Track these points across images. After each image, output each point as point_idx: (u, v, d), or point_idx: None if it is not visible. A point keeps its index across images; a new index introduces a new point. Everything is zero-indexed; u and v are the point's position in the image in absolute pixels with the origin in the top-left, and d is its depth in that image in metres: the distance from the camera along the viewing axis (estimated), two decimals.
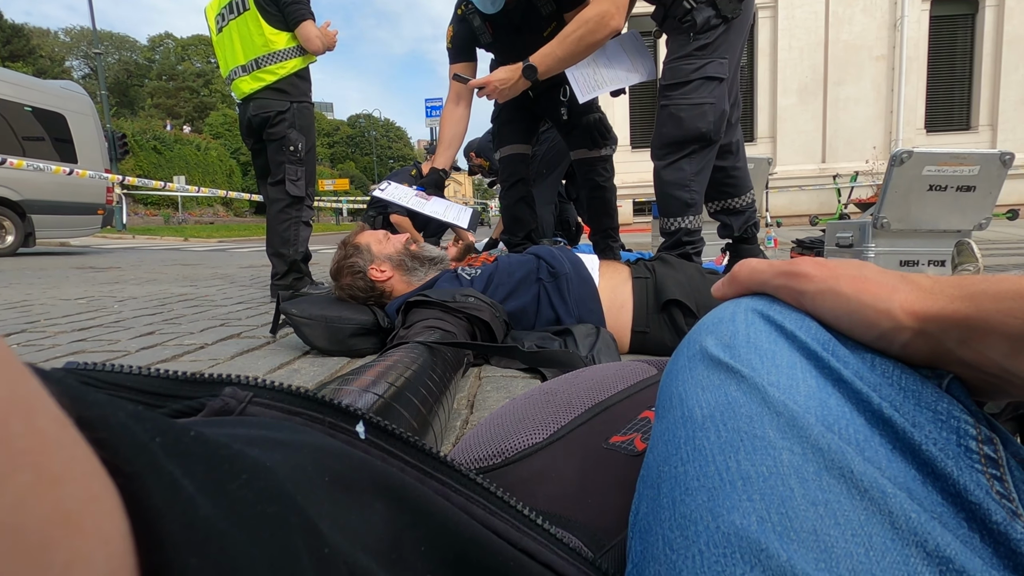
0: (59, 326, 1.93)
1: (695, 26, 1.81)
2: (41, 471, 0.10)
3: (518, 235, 2.62)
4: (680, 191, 1.91)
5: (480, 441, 0.54)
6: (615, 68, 2.13)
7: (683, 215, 1.93)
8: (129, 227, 14.15)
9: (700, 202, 1.95)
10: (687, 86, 1.85)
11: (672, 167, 1.91)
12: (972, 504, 0.23)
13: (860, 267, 0.32)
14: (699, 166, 1.90)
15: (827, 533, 0.23)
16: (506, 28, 2.24)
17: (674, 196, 1.92)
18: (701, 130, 1.84)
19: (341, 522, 0.20)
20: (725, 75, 1.86)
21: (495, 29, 2.27)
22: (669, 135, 1.89)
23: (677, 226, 1.94)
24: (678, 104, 1.86)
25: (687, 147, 1.87)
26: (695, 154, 1.88)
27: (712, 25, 1.81)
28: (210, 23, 2.58)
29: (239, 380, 0.27)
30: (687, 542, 0.25)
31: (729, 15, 1.79)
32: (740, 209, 2.25)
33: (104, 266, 4.89)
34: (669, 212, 1.95)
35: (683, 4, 1.84)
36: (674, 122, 1.87)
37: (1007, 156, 2.59)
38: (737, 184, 2.21)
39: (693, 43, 1.83)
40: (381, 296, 1.54)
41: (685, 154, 1.88)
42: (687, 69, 1.84)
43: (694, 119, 1.84)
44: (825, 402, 0.27)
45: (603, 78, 2.10)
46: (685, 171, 1.89)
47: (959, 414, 0.26)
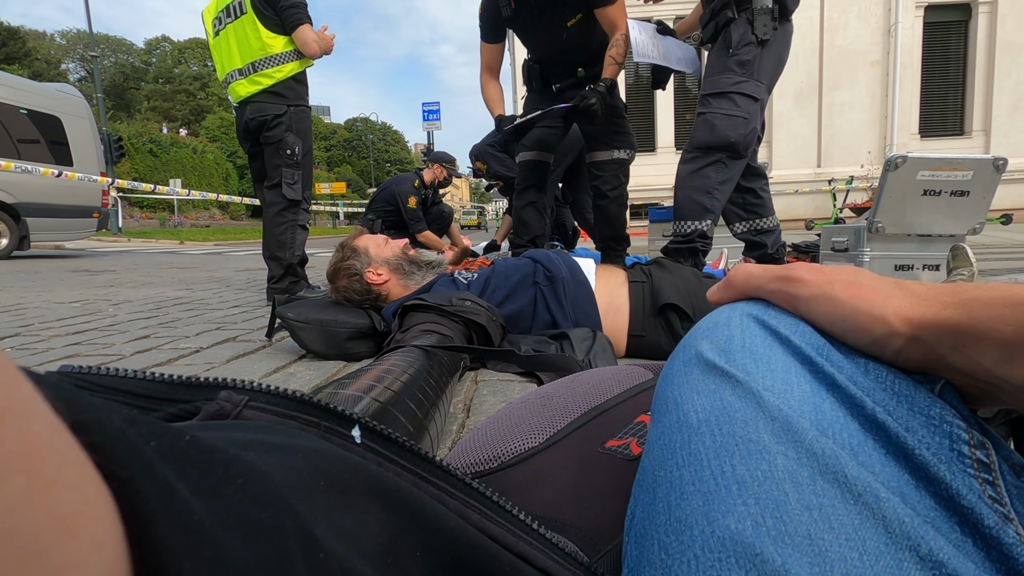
0: (53, 329, 1.92)
1: (731, 42, 1.92)
2: (35, 475, 0.10)
3: (523, 238, 2.62)
4: (703, 196, 1.99)
5: (476, 445, 0.54)
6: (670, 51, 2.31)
7: (701, 219, 2.01)
8: (124, 230, 14.10)
9: (719, 211, 2.03)
10: (725, 97, 1.95)
11: (699, 173, 1.99)
12: (965, 508, 0.23)
13: (854, 273, 0.32)
14: (725, 176, 1.98)
15: (821, 537, 0.23)
16: (530, 8, 2.27)
17: (696, 200, 2.00)
18: (731, 139, 1.93)
19: (336, 526, 0.20)
20: (760, 97, 1.97)
21: (517, 5, 2.29)
22: (701, 139, 1.98)
23: (692, 228, 2.02)
24: (714, 112, 1.95)
25: (715, 154, 1.96)
26: (722, 163, 1.97)
27: (748, 41, 1.92)
28: (207, 26, 2.58)
29: (234, 384, 0.27)
30: (682, 546, 0.25)
31: (760, 35, 1.89)
32: (770, 228, 2.35)
33: (99, 269, 4.87)
34: (688, 215, 2.02)
35: (726, 12, 1.95)
36: (708, 127, 1.96)
37: (1000, 161, 2.60)
38: (766, 204, 2.34)
39: (732, 58, 1.94)
40: (377, 299, 1.54)
41: (712, 161, 1.97)
42: (727, 82, 1.95)
43: (726, 128, 1.93)
44: (819, 407, 0.27)
45: (658, 51, 2.28)
46: (711, 178, 1.98)
47: (952, 419, 0.26)
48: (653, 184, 12.52)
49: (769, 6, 1.91)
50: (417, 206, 4.32)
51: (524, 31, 2.41)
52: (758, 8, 1.90)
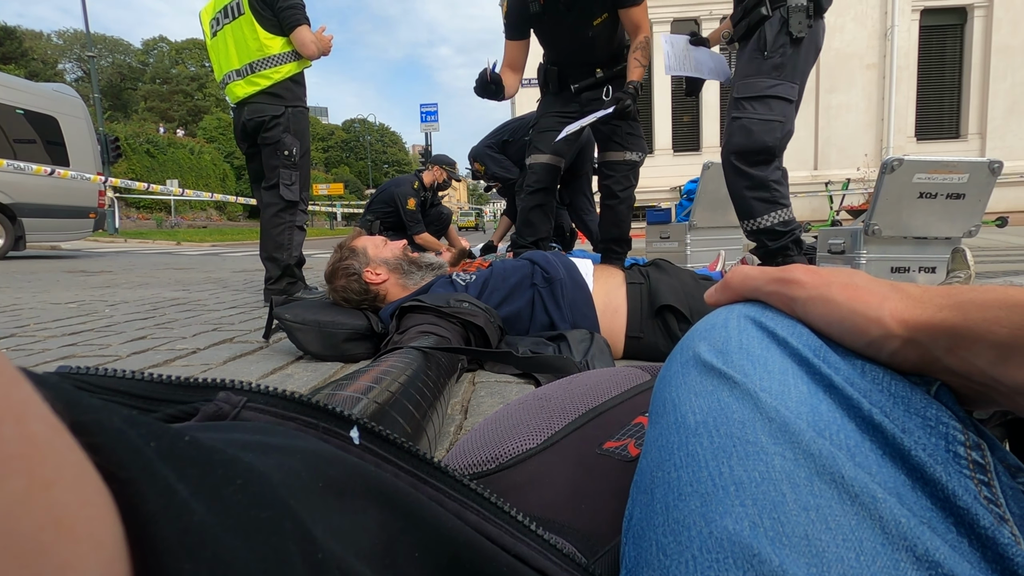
0: (49, 330, 1.92)
1: (766, 43, 1.90)
2: (33, 476, 0.10)
3: (527, 239, 2.61)
4: (761, 191, 1.98)
5: (474, 446, 0.54)
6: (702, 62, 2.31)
7: (770, 212, 1.99)
8: (121, 231, 14.05)
9: (784, 197, 2.00)
10: (760, 102, 1.94)
11: (745, 175, 1.99)
12: (960, 509, 0.24)
13: (851, 275, 0.32)
14: (771, 168, 1.98)
15: (818, 538, 0.23)
16: (558, 3, 2.27)
17: (755, 198, 1.99)
18: (768, 144, 1.93)
19: (335, 527, 0.20)
20: (795, 98, 1.96)
21: (546, 2, 2.29)
22: (738, 144, 1.98)
23: (766, 224, 2.00)
24: (750, 117, 1.94)
25: (754, 157, 1.96)
26: (762, 163, 1.96)
27: (782, 43, 1.90)
28: (204, 27, 2.58)
29: (233, 385, 0.27)
30: (680, 547, 0.25)
31: (795, 32, 1.87)
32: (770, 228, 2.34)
33: (95, 270, 4.85)
34: (756, 212, 2.01)
35: (760, 10, 1.92)
36: (744, 133, 1.96)
37: (996, 164, 2.62)
38: None
39: (767, 61, 1.92)
40: (375, 300, 1.53)
41: (755, 163, 1.97)
42: (761, 86, 1.94)
43: (762, 133, 1.92)
44: (816, 408, 0.27)
45: (690, 63, 2.29)
46: (759, 175, 1.97)
47: (948, 420, 0.26)
48: (651, 186, 12.53)
49: (804, 3, 1.88)
50: (416, 208, 4.32)
51: (548, 29, 2.43)
52: (793, 6, 1.88)
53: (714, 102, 13.08)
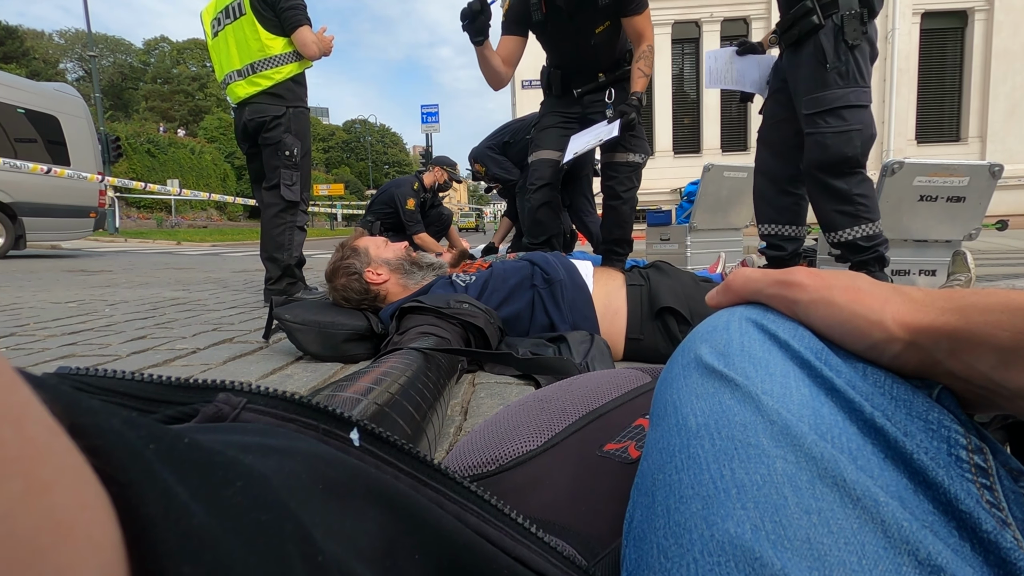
0: (49, 330, 1.92)
1: (824, 55, 1.87)
2: (31, 479, 0.10)
3: (538, 239, 2.61)
4: (844, 205, 1.94)
5: (474, 448, 0.54)
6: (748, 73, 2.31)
7: (853, 226, 1.96)
8: (121, 230, 14.06)
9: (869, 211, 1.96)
10: (832, 115, 1.90)
11: (829, 188, 1.95)
12: (963, 513, 0.24)
13: (853, 278, 0.32)
14: (856, 180, 1.93)
15: (820, 541, 0.23)
16: (561, 12, 2.28)
17: (838, 211, 1.96)
18: (847, 154, 1.89)
19: (335, 530, 0.20)
20: (868, 102, 1.91)
21: (548, 9, 2.30)
22: (816, 160, 1.94)
23: (848, 237, 1.97)
24: (823, 132, 1.91)
25: (835, 169, 1.92)
26: (844, 174, 1.92)
27: (841, 51, 1.86)
28: (206, 27, 2.58)
29: (233, 386, 0.27)
30: (682, 550, 0.25)
31: (850, 40, 1.84)
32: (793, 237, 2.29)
33: (95, 269, 4.85)
34: (838, 225, 1.98)
35: (811, 18, 1.89)
36: (820, 148, 1.92)
37: (996, 167, 2.62)
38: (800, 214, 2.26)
39: (831, 72, 1.88)
40: (375, 299, 1.53)
41: (837, 175, 1.93)
42: (830, 98, 1.89)
43: (840, 145, 1.88)
44: (818, 411, 0.27)
45: (732, 76, 2.30)
46: (842, 188, 1.93)
47: (949, 424, 0.26)
48: (651, 188, 12.54)
49: (857, 10, 1.84)
50: (415, 208, 4.32)
51: (551, 35, 2.44)
52: (847, 15, 1.84)
53: (714, 104, 13.10)
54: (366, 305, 1.53)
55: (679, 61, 13.38)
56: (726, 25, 12.86)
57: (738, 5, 12.59)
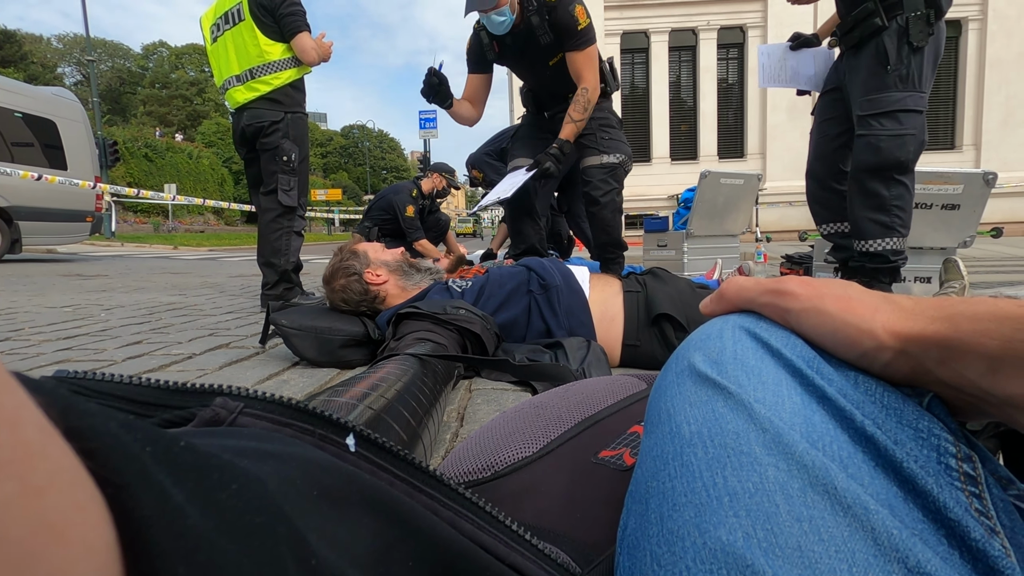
0: (44, 334, 1.91)
1: (887, 56, 1.84)
2: (25, 482, 0.10)
3: (519, 247, 2.62)
4: (879, 214, 1.93)
5: (470, 454, 0.54)
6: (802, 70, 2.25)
7: (884, 237, 1.94)
8: (118, 235, 14.03)
9: (904, 224, 1.95)
10: (888, 117, 1.88)
11: (869, 193, 1.93)
12: (952, 521, 0.24)
13: (845, 287, 0.32)
14: (898, 191, 1.92)
15: (811, 549, 0.23)
16: (511, 49, 2.35)
17: (872, 219, 1.94)
18: (899, 159, 1.87)
19: (329, 535, 0.20)
20: (924, 108, 1.89)
21: (501, 48, 2.37)
22: (866, 162, 1.92)
23: (877, 248, 1.95)
24: (877, 135, 1.89)
25: (883, 173, 1.90)
26: (891, 179, 1.90)
27: (904, 54, 1.84)
28: (205, 32, 2.59)
29: (230, 390, 0.27)
30: (674, 558, 0.25)
31: (915, 42, 1.81)
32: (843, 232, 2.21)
33: (91, 274, 4.84)
34: (868, 234, 1.96)
35: (874, 20, 1.86)
36: (872, 151, 1.90)
37: (990, 175, 2.64)
38: None
39: (892, 74, 1.86)
40: (374, 301, 1.53)
41: (881, 180, 1.91)
42: (888, 101, 1.87)
43: (893, 149, 1.86)
44: (810, 419, 0.28)
45: (787, 73, 2.26)
46: (883, 196, 1.91)
47: (939, 432, 0.26)
48: (648, 194, 12.59)
49: (923, 11, 1.80)
50: (415, 215, 4.33)
51: (511, 66, 2.53)
52: (912, 16, 1.81)
53: (711, 111, 13.18)
54: (365, 306, 1.53)
55: (676, 68, 13.47)
56: (723, 33, 12.97)
57: (735, 13, 12.70)
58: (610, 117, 2.45)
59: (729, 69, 13.40)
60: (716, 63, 13.11)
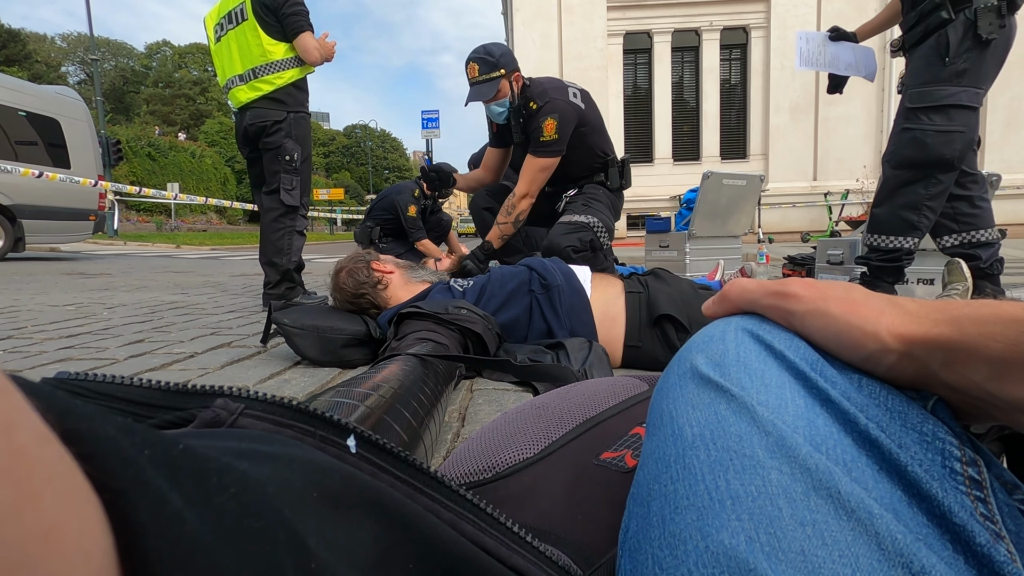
0: (46, 333, 1.91)
1: (948, 48, 1.77)
2: (20, 488, 0.10)
3: None
4: (910, 213, 1.88)
5: (471, 455, 0.53)
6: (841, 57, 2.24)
7: (906, 235, 1.90)
8: (121, 233, 14.06)
9: (927, 228, 1.90)
10: (939, 112, 1.81)
11: (907, 188, 1.87)
12: (956, 526, 0.24)
13: (848, 289, 0.32)
14: (936, 191, 1.86)
15: (815, 553, 0.23)
16: (507, 134, 2.54)
17: (902, 216, 1.89)
18: (945, 156, 1.80)
19: (329, 538, 0.20)
20: (979, 105, 1.83)
21: (499, 129, 2.56)
22: (909, 157, 1.85)
23: (896, 245, 1.90)
24: (924, 129, 1.82)
25: (925, 170, 1.84)
26: (933, 178, 1.84)
27: (967, 47, 1.77)
28: (208, 32, 2.59)
29: (231, 391, 0.27)
30: (676, 561, 0.25)
31: (985, 35, 1.74)
32: (988, 241, 2.10)
33: (94, 272, 4.85)
34: (891, 230, 1.91)
35: (940, 14, 1.79)
36: (917, 146, 1.83)
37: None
38: (982, 216, 2.08)
39: (949, 67, 1.79)
40: (376, 286, 1.55)
41: (922, 177, 1.85)
42: (940, 95, 1.80)
43: (940, 145, 1.80)
44: (813, 422, 0.27)
45: (824, 58, 2.24)
46: (920, 194, 1.86)
47: (944, 436, 0.26)
48: (650, 195, 12.58)
49: (995, 2, 1.72)
50: (417, 215, 4.33)
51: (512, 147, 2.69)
52: (982, 7, 1.73)
53: (714, 112, 13.17)
54: (367, 292, 1.54)
55: (679, 69, 13.46)
56: (726, 34, 12.95)
57: (738, 14, 12.68)
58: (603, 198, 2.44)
59: (732, 70, 13.39)
60: (719, 64, 13.10)
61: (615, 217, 2.50)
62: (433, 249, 4.42)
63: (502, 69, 2.32)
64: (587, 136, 2.40)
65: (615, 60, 13.01)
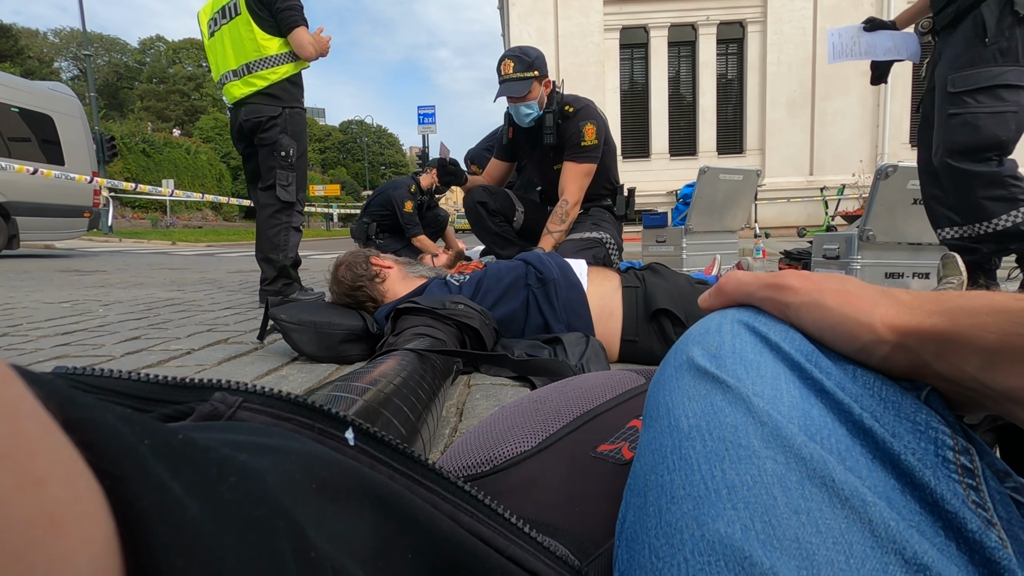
0: (42, 330, 1.91)
1: (985, 29, 1.71)
2: (24, 473, 0.10)
3: None
4: (996, 189, 1.76)
5: (469, 448, 0.54)
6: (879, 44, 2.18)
7: (1009, 211, 1.76)
8: (116, 230, 13.98)
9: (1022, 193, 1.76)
10: (987, 93, 1.74)
11: (971, 175, 1.78)
12: (949, 513, 0.24)
13: (843, 281, 0.33)
14: (1010, 164, 1.77)
15: (809, 541, 0.23)
16: (523, 140, 2.54)
17: (989, 196, 1.78)
18: (1000, 138, 1.74)
19: (328, 528, 0.20)
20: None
21: (515, 135, 2.56)
22: (963, 143, 1.78)
23: (1006, 225, 1.77)
24: (975, 112, 1.75)
25: (981, 155, 1.77)
26: (991, 161, 1.77)
27: (1007, 24, 1.70)
28: (202, 27, 2.57)
29: (229, 385, 0.27)
30: (672, 550, 0.25)
31: (1021, 11, 1.67)
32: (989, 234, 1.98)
33: (89, 269, 4.83)
34: (986, 215, 1.79)
35: None
36: (969, 130, 1.76)
37: None
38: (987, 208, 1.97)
39: (991, 47, 1.73)
40: (374, 279, 1.55)
41: (982, 161, 1.77)
42: (986, 76, 1.74)
43: (993, 127, 1.73)
44: (808, 412, 0.28)
45: (861, 47, 2.18)
46: (992, 171, 1.76)
47: (937, 425, 0.27)
48: (647, 190, 12.57)
49: None
50: (413, 211, 4.32)
51: (523, 157, 2.68)
52: None
53: (710, 107, 13.16)
54: (364, 284, 1.54)
55: (675, 64, 13.43)
56: (722, 28, 12.93)
57: (734, 8, 12.66)
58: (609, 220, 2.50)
59: (728, 64, 13.37)
60: (715, 58, 13.09)
61: None
62: (430, 245, 4.42)
63: (536, 71, 2.34)
64: (605, 156, 2.44)
65: (611, 55, 12.98)
